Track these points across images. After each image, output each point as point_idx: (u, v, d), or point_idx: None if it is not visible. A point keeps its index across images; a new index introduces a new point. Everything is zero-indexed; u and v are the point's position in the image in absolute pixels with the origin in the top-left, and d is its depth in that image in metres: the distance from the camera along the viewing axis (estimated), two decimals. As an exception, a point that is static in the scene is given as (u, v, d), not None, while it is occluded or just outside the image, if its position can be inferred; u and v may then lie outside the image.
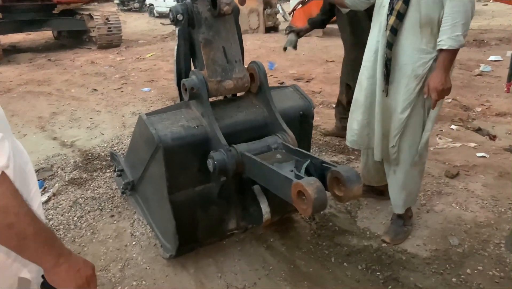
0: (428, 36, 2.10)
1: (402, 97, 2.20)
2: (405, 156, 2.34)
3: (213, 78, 2.05)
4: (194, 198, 2.13)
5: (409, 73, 2.16)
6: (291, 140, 2.01)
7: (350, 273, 2.25)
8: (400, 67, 2.18)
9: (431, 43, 2.10)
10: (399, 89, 2.21)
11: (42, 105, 5.25)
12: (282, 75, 6.35)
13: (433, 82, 2.06)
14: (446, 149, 3.67)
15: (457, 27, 1.97)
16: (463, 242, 2.46)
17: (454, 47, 2.01)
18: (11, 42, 10.45)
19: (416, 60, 2.13)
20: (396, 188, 2.45)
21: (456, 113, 4.41)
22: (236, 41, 2.15)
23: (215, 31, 2.08)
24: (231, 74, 2.09)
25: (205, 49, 2.06)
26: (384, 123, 2.31)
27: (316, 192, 1.46)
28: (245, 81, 2.15)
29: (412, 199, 2.51)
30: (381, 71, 2.23)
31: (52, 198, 3.02)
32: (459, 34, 1.98)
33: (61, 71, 7.16)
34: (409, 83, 2.17)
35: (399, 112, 2.23)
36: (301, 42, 2.77)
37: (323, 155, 3.61)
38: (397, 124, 2.26)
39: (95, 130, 4.33)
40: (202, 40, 2.05)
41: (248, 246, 2.48)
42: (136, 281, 2.23)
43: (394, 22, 2.11)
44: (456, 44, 2.00)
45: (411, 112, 2.22)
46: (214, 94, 2.10)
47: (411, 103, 2.20)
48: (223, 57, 2.08)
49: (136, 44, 9.90)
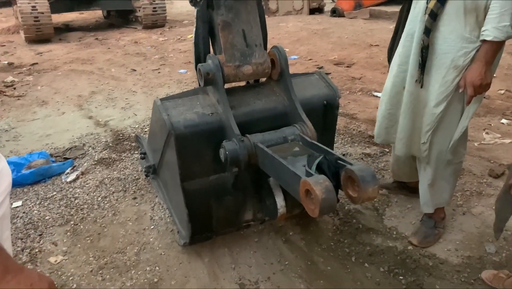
0: (473, 24, 1.86)
1: (438, 90, 1.99)
2: (437, 153, 2.14)
3: (231, 63, 1.96)
4: (208, 187, 2.06)
5: (448, 64, 1.95)
6: (310, 132, 1.88)
7: (370, 275, 2.12)
8: (438, 56, 1.97)
9: (475, 31, 1.87)
10: (435, 80, 2.00)
11: (83, 84, 5.39)
12: (322, 59, 6.11)
13: (471, 76, 1.84)
14: (493, 145, 3.36)
15: (505, 16, 1.73)
16: (500, 250, 2.24)
17: (500, 39, 1.77)
18: (65, 21, 10.83)
19: (458, 49, 1.91)
20: (426, 186, 2.26)
21: (508, 106, 4.03)
22: (257, 24, 2.03)
23: (235, 13, 1.97)
24: (250, 59, 1.99)
25: (223, 32, 1.96)
26: (413, 117, 2.12)
27: (325, 191, 1.35)
28: (266, 67, 2.03)
29: (444, 199, 2.31)
30: (416, 60, 2.03)
31: (80, 177, 3.08)
32: (506, 24, 1.74)
33: (105, 50, 7.32)
34: (447, 74, 1.96)
35: (433, 106, 2.03)
36: (345, 24, 2.61)
37: (356, 146, 3.42)
38: (430, 119, 2.06)
39: (129, 111, 4.38)
40: (220, 23, 1.95)
41: (266, 238, 2.40)
42: (150, 266, 2.22)
43: (435, 6, 1.89)
44: (503, 35, 1.76)
45: (447, 106, 2.01)
46: (232, 80, 2.00)
47: (447, 96, 1.99)
48: (242, 41, 1.98)
49: (180, 24, 9.93)
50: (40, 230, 2.52)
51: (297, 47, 6.92)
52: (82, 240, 2.43)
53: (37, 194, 2.90)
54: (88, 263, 2.25)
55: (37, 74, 5.87)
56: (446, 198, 2.33)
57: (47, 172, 3.06)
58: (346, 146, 3.44)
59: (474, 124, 3.72)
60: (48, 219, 2.62)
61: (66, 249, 2.36)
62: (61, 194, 2.89)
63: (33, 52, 7.34)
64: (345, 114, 4.11)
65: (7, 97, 4.90)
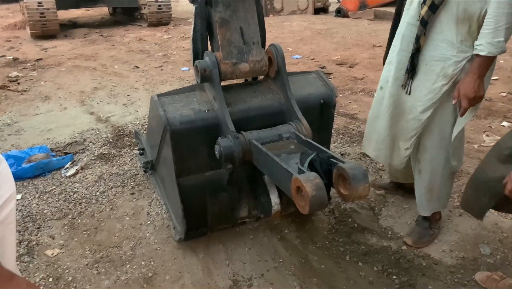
0: (465, 33, 1.86)
1: (426, 96, 2.00)
2: (431, 157, 2.15)
3: (228, 60, 1.97)
4: (204, 184, 2.07)
5: (438, 71, 1.95)
6: (306, 130, 1.89)
7: (364, 274, 2.12)
8: (428, 63, 1.97)
9: (467, 41, 1.86)
10: (424, 86, 2.00)
11: (86, 80, 5.42)
12: (325, 59, 6.10)
13: (464, 89, 1.83)
14: (492, 147, 3.35)
15: (499, 31, 1.71)
16: (495, 251, 2.23)
17: (494, 54, 1.76)
18: (71, 17, 10.89)
19: (448, 57, 1.91)
20: (422, 189, 2.26)
21: (510, 109, 4.01)
22: (255, 22, 2.03)
23: (232, 10, 1.97)
24: (248, 57, 1.99)
25: (221, 29, 1.97)
26: (393, 122, 2.13)
27: (315, 188, 1.35)
28: (263, 65, 2.04)
29: (441, 203, 2.30)
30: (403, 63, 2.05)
31: (80, 171, 3.11)
32: (501, 40, 1.73)
33: (109, 47, 7.36)
34: (437, 81, 1.96)
35: (419, 112, 2.04)
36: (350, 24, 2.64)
37: (354, 146, 3.42)
38: (415, 125, 2.08)
39: (130, 107, 4.40)
40: (218, 20, 1.96)
41: (261, 236, 2.41)
42: (145, 261, 2.24)
43: (426, 14, 1.89)
44: (497, 51, 1.75)
45: (434, 114, 2.02)
46: (229, 77, 2.01)
47: (435, 103, 2.00)
48: (239, 38, 1.99)
49: (185, 22, 9.94)
50: (38, 223, 2.54)
51: (300, 47, 6.92)
52: (79, 233, 2.45)
53: (36, 187, 2.92)
54: (84, 257, 2.27)
55: (41, 70, 5.91)
56: (444, 202, 2.33)
57: (47, 166, 3.08)
58: (345, 146, 3.44)
59: (475, 126, 3.71)
60: (47, 213, 2.64)
61: (63, 243, 2.38)
62: (60, 188, 2.91)
63: (38, 48, 7.38)
64: (345, 114, 4.11)
65: (11, 92, 4.94)
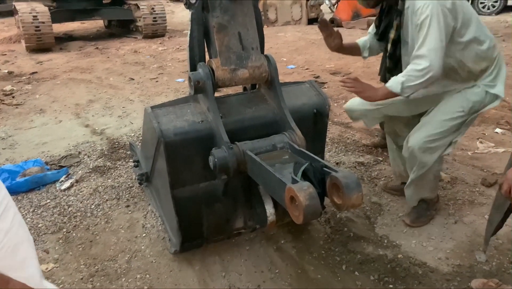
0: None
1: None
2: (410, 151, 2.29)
3: (226, 66, 1.93)
4: (199, 195, 2.07)
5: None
6: (299, 139, 1.90)
7: (360, 283, 2.12)
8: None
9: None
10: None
11: (81, 92, 5.42)
12: (319, 69, 6.15)
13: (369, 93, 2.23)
14: (486, 154, 3.37)
15: (410, 78, 2.03)
16: (491, 259, 2.23)
17: (393, 90, 2.08)
18: (66, 31, 10.91)
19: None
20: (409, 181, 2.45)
21: (503, 116, 4.04)
22: (253, 27, 2.01)
23: (230, 15, 1.95)
24: (247, 63, 1.96)
25: (218, 35, 1.93)
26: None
27: (308, 198, 1.36)
28: (263, 71, 2.00)
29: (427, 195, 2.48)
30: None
31: (74, 184, 3.09)
32: (408, 85, 2.05)
33: (104, 59, 7.38)
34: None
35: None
36: (343, 34, 2.70)
37: (349, 155, 3.44)
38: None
39: (125, 119, 4.40)
40: (215, 25, 1.93)
41: (258, 246, 2.40)
42: (140, 274, 2.22)
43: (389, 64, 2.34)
44: (396, 90, 2.07)
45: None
46: (228, 84, 1.98)
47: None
48: (238, 44, 1.95)
49: (180, 34, 10.00)
50: (33, 237, 2.52)
51: (295, 57, 6.97)
52: (74, 247, 2.43)
53: (31, 201, 2.91)
54: (79, 271, 2.25)
55: (36, 83, 5.91)
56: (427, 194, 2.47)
57: (42, 179, 3.07)
58: (340, 155, 3.45)
59: (468, 133, 3.72)
60: (41, 227, 2.62)
61: (57, 257, 2.36)
62: (55, 201, 2.90)
63: (33, 61, 7.40)
64: (340, 123, 4.13)
65: (5, 106, 4.93)
